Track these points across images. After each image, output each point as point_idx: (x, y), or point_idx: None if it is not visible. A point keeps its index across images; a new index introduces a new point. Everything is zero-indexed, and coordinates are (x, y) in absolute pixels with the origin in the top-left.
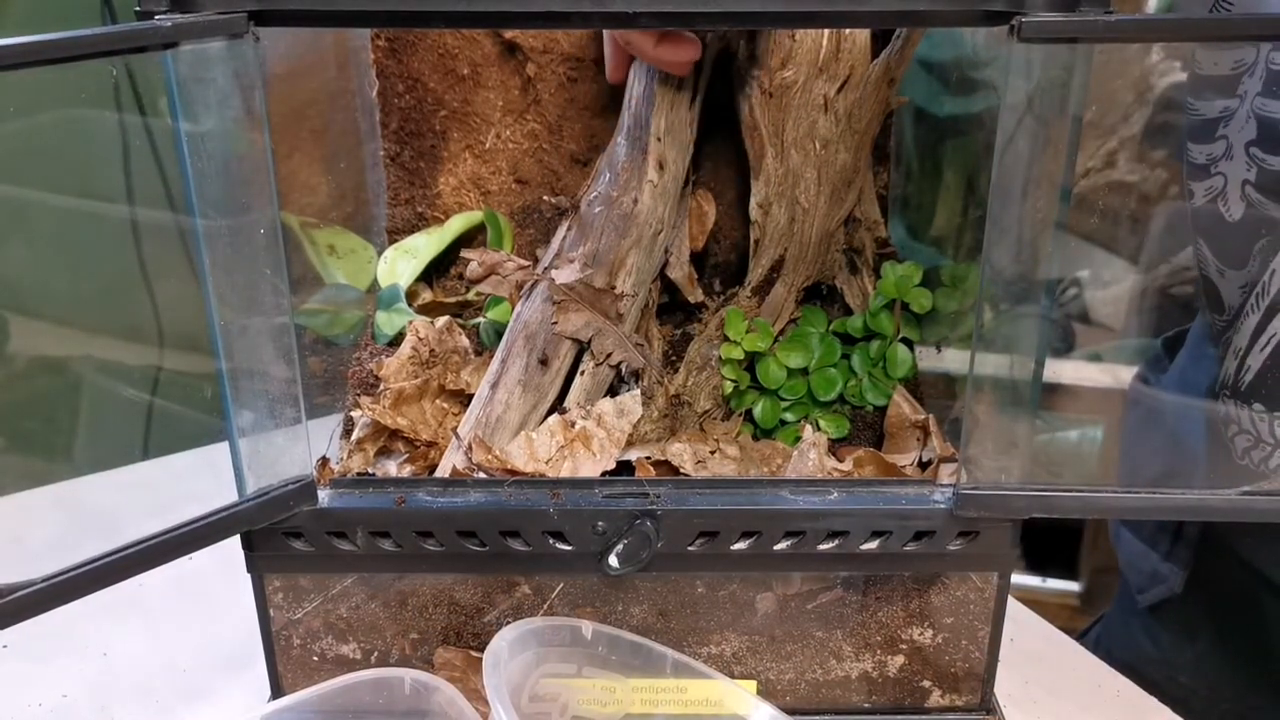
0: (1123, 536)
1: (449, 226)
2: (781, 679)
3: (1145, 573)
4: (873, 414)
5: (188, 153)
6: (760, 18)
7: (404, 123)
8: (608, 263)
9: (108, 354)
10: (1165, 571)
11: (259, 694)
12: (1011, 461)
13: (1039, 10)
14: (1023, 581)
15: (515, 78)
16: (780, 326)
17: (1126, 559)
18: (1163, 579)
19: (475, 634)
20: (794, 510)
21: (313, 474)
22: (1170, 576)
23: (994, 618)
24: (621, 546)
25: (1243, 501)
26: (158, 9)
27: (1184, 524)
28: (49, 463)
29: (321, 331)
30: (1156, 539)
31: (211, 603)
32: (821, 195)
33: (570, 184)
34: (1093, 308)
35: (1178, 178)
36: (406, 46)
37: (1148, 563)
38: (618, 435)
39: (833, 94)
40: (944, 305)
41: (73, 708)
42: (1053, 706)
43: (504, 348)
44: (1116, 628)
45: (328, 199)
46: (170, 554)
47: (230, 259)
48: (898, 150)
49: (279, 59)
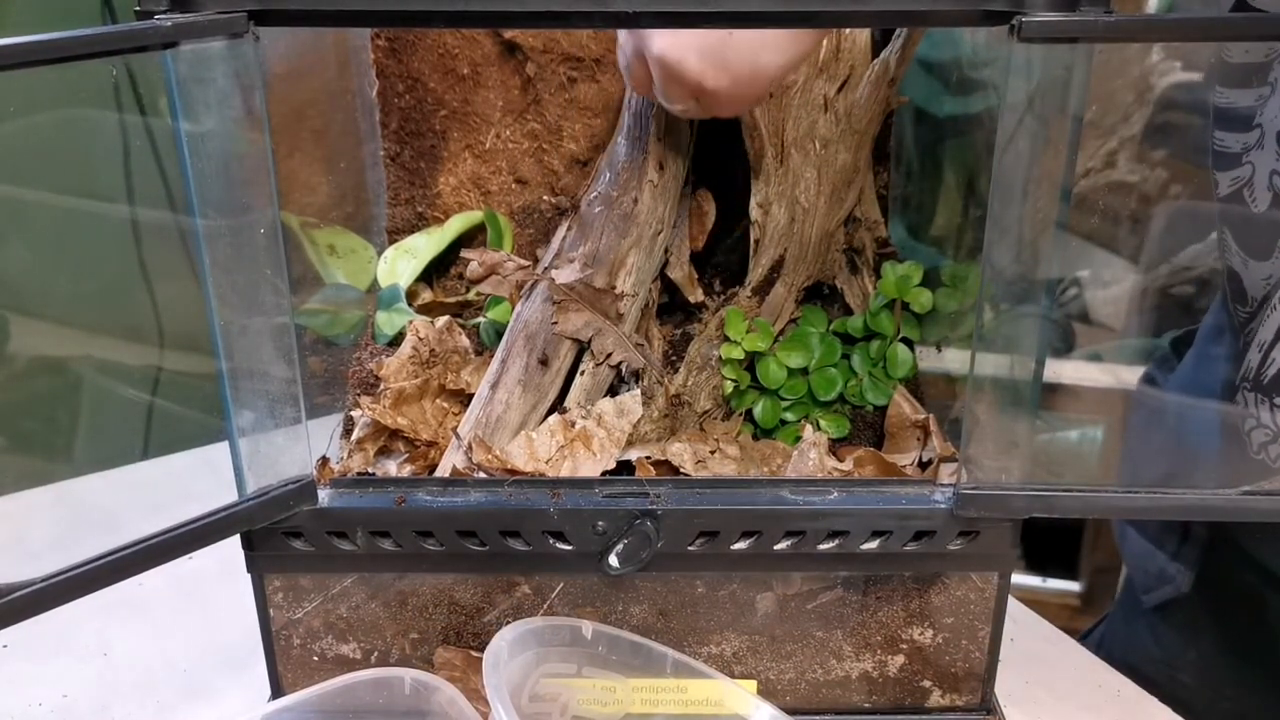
0: (1128, 536)
1: (449, 226)
2: (782, 679)
3: (1151, 573)
4: (873, 414)
5: (188, 153)
6: (760, 18)
7: (404, 122)
8: (608, 262)
9: (108, 354)
10: (1172, 571)
11: (259, 694)
12: (1012, 461)
13: (1039, 10)
14: (1023, 581)
15: (515, 77)
16: (780, 326)
17: (1132, 559)
18: (1170, 579)
19: (475, 634)
20: (794, 510)
21: (313, 474)
22: (1177, 576)
23: (994, 618)
24: (622, 546)
25: (1244, 501)
26: (158, 9)
27: (1192, 523)
28: (49, 462)
29: (322, 331)
30: (1163, 538)
31: (211, 602)
32: (821, 195)
33: (570, 184)
34: (1093, 308)
35: (1178, 177)
36: (407, 46)
37: (1154, 562)
38: (618, 435)
39: (833, 94)
40: (944, 305)
41: (73, 707)
42: (1053, 706)
43: (504, 348)
44: (1119, 628)
45: (328, 199)
46: (170, 554)
47: (230, 259)
48: (898, 150)
49: (279, 59)
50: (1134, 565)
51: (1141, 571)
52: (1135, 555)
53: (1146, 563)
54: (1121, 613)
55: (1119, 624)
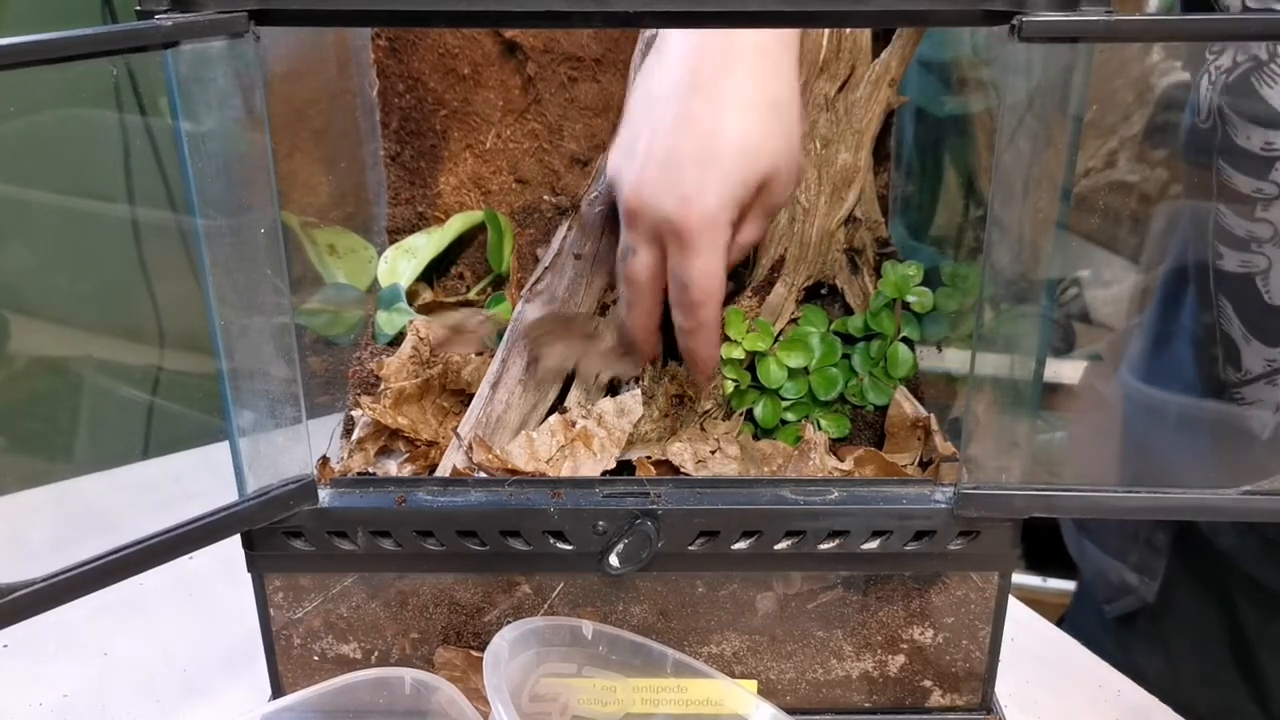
0: (1086, 549)
1: (449, 226)
2: (782, 678)
3: (1114, 584)
4: (873, 413)
5: (188, 152)
6: (761, 18)
7: (404, 122)
8: (608, 263)
9: (108, 353)
10: (1135, 582)
11: (259, 693)
12: (1012, 461)
13: (1040, 10)
14: (1023, 581)
15: (516, 77)
16: (781, 326)
17: (1092, 571)
18: (1132, 589)
19: (476, 633)
20: (794, 510)
21: (313, 473)
22: (1141, 587)
23: (995, 617)
24: (622, 546)
25: (1245, 501)
26: (158, 8)
27: (1155, 533)
28: (49, 462)
29: (322, 331)
30: (1126, 550)
31: (212, 602)
32: (822, 195)
33: (571, 183)
34: (1093, 308)
35: (1178, 177)
36: (407, 46)
37: (1116, 574)
38: (618, 435)
39: (833, 93)
40: (945, 305)
41: (73, 707)
42: (1053, 706)
43: (504, 347)
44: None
45: (328, 198)
46: (170, 553)
47: (231, 259)
48: (898, 150)
49: (279, 58)
50: (1094, 578)
51: (1103, 584)
52: (1094, 568)
53: (1107, 574)
54: (1081, 624)
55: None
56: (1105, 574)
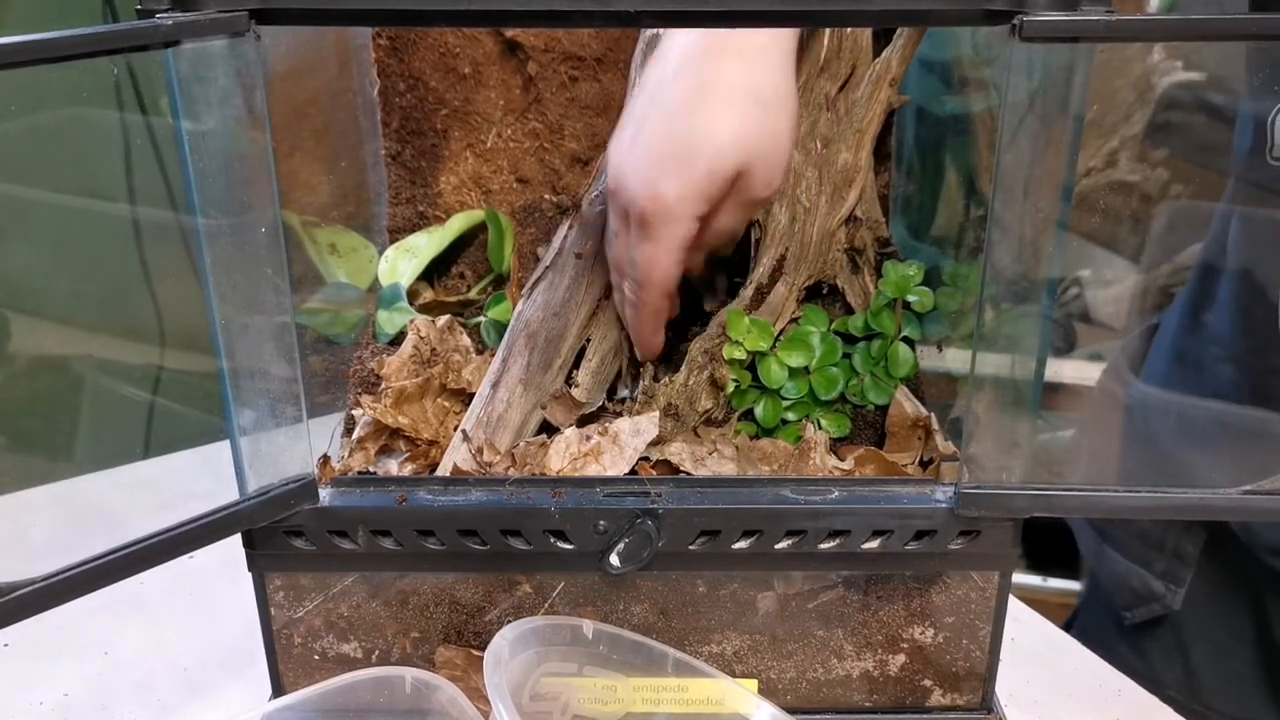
0: (1105, 555)
1: (450, 225)
2: (783, 678)
3: (1135, 591)
4: (874, 413)
5: (189, 152)
6: (761, 17)
7: (405, 121)
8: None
9: (108, 353)
10: (1161, 590)
11: (260, 692)
12: (1013, 461)
13: (1040, 9)
14: (1023, 581)
15: (516, 76)
16: (781, 326)
17: (1112, 578)
18: (1158, 596)
19: (476, 633)
20: (795, 509)
21: (314, 472)
22: (1166, 595)
23: (995, 617)
24: (623, 545)
25: (1245, 501)
26: (159, 7)
27: (1184, 543)
28: (50, 461)
29: (323, 330)
30: (1151, 558)
31: (212, 601)
32: (822, 194)
33: (571, 183)
34: (1093, 308)
35: (1179, 177)
36: (408, 45)
37: (1139, 581)
38: (630, 454)
39: (834, 93)
40: (945, 304)
41: (74, 706)
42: (1053, 706)
43: (505, 346)
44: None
45: (329, 198)
46: (171, 552)
47: (231, 258)
48: (899, 149)
49: (280, 58)
50: (1113, 584)
51: (1122, 590)
52: (1114, 574)
53: (1129, 581)
54: (1094, 629)
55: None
56: (1126, 580)
